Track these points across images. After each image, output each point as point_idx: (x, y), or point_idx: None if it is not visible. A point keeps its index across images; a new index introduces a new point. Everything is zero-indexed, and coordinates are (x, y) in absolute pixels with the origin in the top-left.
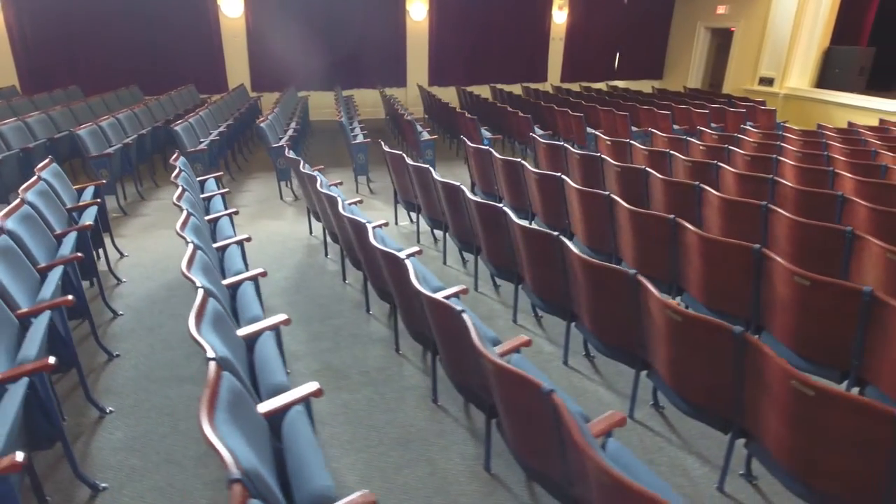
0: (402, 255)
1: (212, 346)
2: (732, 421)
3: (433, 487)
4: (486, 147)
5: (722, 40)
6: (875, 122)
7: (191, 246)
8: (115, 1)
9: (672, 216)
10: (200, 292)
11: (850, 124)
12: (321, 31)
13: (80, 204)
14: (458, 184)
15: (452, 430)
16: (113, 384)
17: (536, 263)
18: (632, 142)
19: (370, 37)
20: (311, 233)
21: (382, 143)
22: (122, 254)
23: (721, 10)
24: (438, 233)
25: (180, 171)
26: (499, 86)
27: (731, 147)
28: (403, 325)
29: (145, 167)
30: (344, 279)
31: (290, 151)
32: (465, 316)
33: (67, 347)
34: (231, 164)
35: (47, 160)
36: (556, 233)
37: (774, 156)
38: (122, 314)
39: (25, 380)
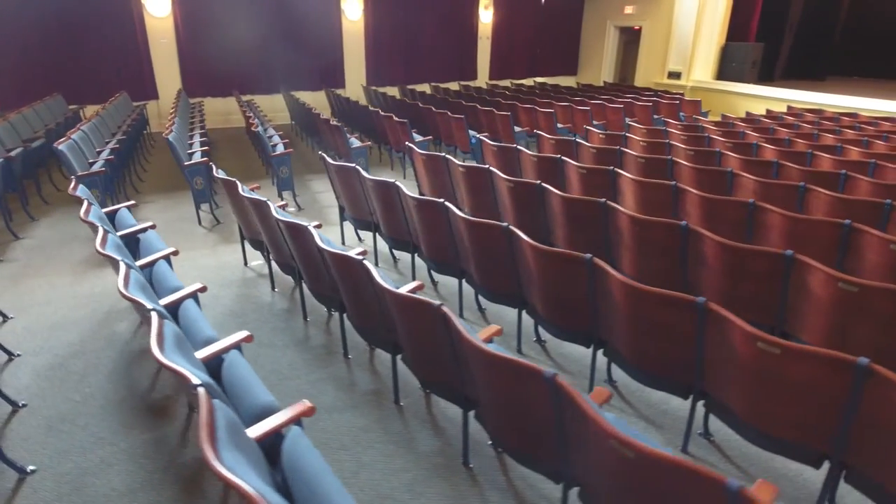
0: (352, 254)
1: (190, 372)
2: (693, 385)
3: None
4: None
5: (629, 37)
6: (766, 107)
7: (122, 265)
8: (27, 5)
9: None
10: (154, 315)
11: (747, 114)
12: (258, 32)
13: None
14: (440, 200)
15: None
16: None
17: (482, 255)
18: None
19: (308, 37)
20: (245, 263)
21: (325, 155)
22: (4, 316)
23: (628, 9)
24: (401, 254)
25: (77, 184)
26: (409, 86)
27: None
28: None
29: (13, 196)
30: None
31: (219, 171)
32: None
33: None
34: (123, 187)
35: None
36: (504, 223)
37: (719, 150)
38: (24, 405)
39: None
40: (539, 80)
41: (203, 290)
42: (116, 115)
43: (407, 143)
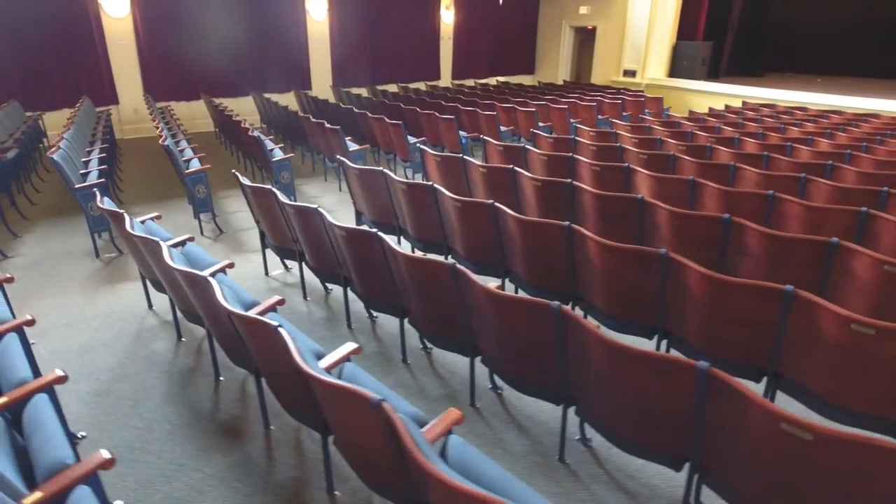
0: (207, 273)
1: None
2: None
3: None
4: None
5: (584, 37)
6: (718, 103)
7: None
8: None
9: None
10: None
11: (710, 109)
12: (222, 32)
13: None
14: (374, 231)
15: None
16: None
17: (425, 297)
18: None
19: (274, 38)
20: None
21: (239, 175)
22: None
23: (583, 10)
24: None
25: (102, 197)
26: (350, 90)
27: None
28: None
29: None
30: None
31: (103, 197)
32: (282, 331)
33: None
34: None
35: None
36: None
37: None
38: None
39: None
40: (501, 79)
41: (62, 380)
42: (87, 121)
43: (339, 156)
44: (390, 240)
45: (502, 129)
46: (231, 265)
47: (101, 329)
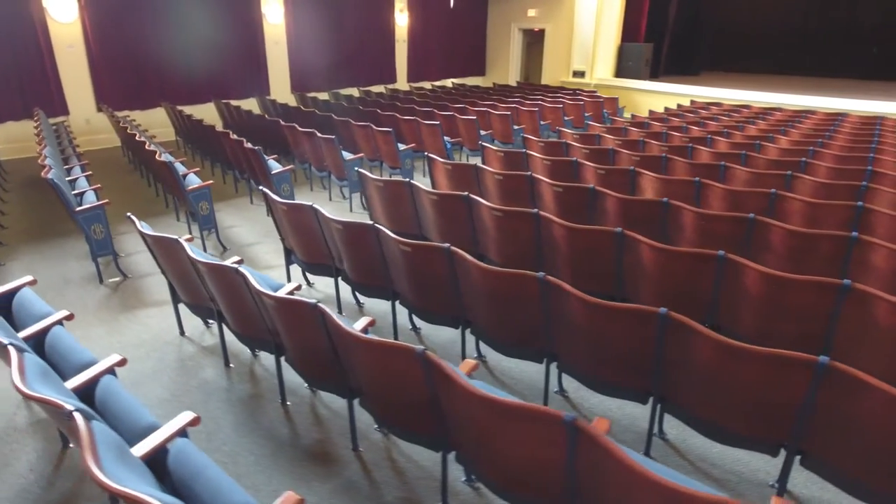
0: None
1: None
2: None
3: None
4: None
5: (532, 39)
6: (663, 101)
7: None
8: None
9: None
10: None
11: (666, 109)
12: (176, 37)
13: None
14: (310, 302)
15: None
16: None
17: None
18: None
19: (230, 42)
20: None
21: (136, 220)
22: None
23: (531, 12)
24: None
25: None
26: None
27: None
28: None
29: None
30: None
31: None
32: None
33: None
34: None
35: None
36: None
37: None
38: None
39: None
40: (456, 81)
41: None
42: (50, 135)
43: (262, 189)
44: (334, 313)
45: (482, 132)
46: (70, 317)
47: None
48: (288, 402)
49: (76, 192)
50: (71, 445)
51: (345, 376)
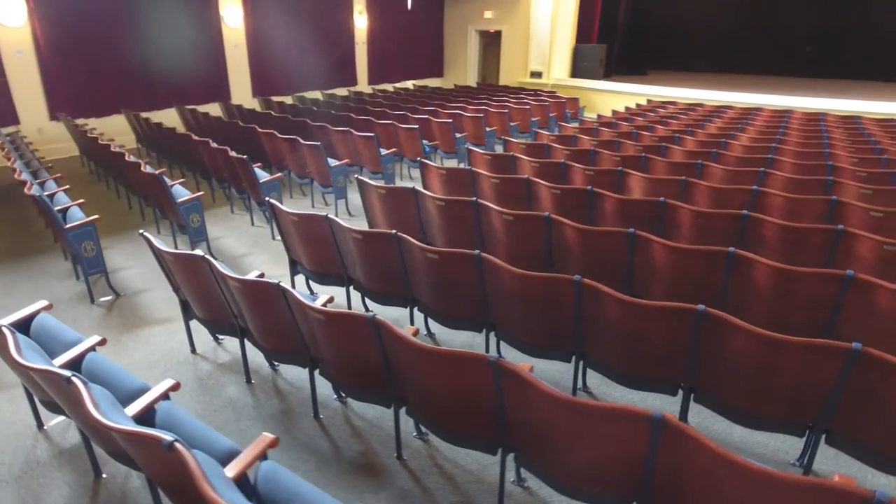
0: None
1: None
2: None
3: None
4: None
5: (488, 40)
6: (618, 100)
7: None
8: None
9: None
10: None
11: (626, 108)
12: (134, 41)
13: None
14: (368, 315)
15: None
16: None
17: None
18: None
19: (188, 47)
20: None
21: (152, 238)
22: None
23: (488, 14)
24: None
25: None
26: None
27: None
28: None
29: None
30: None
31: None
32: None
33: None
34: None
35: None
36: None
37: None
38: None
39: None
40: (418, 82)
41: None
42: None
43: (268, 199)
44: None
45: (457, 135)
46: (103, 342)
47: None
48: (321, 416)
49: (58, 207)
50: (104, 475)
51: (393, 386)
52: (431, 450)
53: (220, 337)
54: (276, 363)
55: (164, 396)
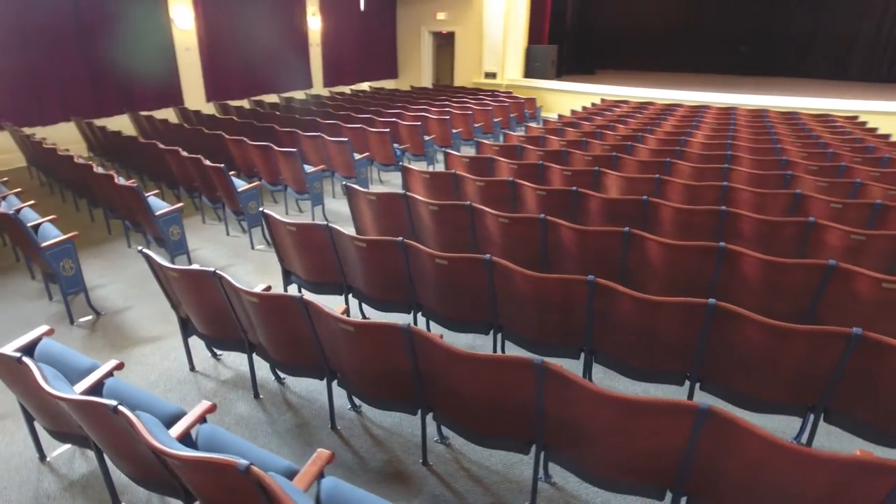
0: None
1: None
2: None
3: None
4: None
5: (441, 41)
6: (571, 100)
7: None
8: None
9: None
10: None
11: (583, 108)
12: (78, 43)
13: None
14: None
15: None
16: None
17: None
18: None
19: (136, 50)
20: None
21: (152, 254)
22: None
23: (440, 15)
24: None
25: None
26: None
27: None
28: None
29: None
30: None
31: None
32: None
33: None
34: None
35: None
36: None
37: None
38: None
39: None
40: (375, 84)
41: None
42: None
43: (263, 211)
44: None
45: (425, 137)
46: (120, 366)
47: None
48: (338, 427)
49: (28, 224)
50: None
51: (423, 394)
52: (455, 453)
53: (219, 353)
54: (282, 377)
55: (202, 419)
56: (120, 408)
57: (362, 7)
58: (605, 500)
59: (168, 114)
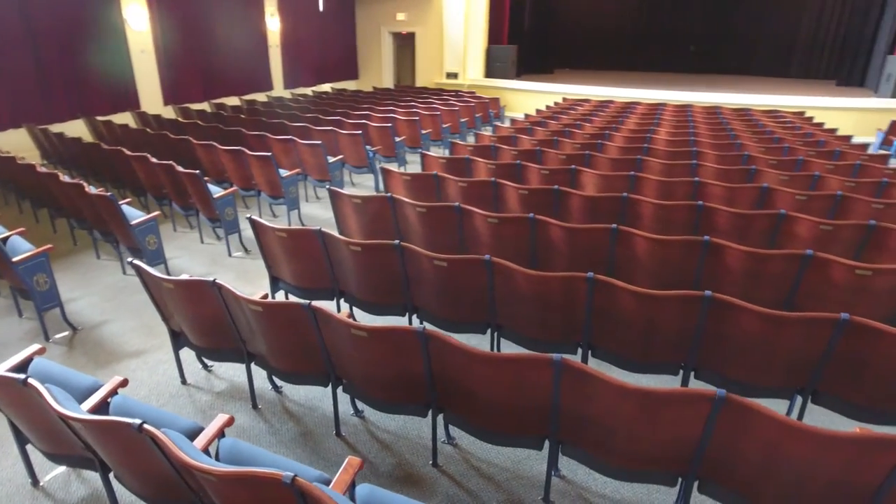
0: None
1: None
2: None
3: None
4: None
5: (401, 42)
6: (534, 99)
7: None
8: None
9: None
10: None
11: (547, 106)
12: (25, 46)
13: None
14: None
15: None
16: None
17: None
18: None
19: (89, 51)
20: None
21: (143, 265)
22: None
23: (400, 16)
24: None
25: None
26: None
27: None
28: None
29: None
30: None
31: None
32: None
33: None
34: None
35: None
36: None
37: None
38: None
39: None
40: (337, 86)
41: None
42: None
43: (251, 218)
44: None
45: (396, 139)
46: (124, 383)
47: None
48: (343, 433)
49: None
50: None
51: (434, 397)
52: (464, 453)
53: (210, 364)
54: (279, 385)
55: (220, 433)
56: (146, 426)
57: (321, 7)
58: (615, 489)
59: (126, 118)
